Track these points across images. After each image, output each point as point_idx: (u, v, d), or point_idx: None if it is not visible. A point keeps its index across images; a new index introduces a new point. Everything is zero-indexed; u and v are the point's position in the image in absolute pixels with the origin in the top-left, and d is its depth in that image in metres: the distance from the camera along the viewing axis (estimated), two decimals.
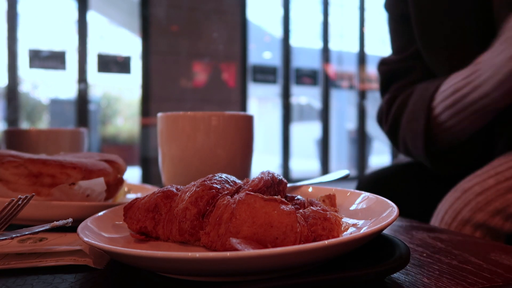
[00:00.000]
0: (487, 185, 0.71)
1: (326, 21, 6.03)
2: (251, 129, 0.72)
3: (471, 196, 0.72)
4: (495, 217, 0.70)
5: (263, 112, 9.85)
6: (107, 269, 0.40)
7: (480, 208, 0.70)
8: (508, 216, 0.69)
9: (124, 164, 0.66)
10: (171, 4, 4.66)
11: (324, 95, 6.11)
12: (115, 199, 0.66)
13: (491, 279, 0.37)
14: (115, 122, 9.46)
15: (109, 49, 5.22)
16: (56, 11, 5.83)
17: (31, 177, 0.55)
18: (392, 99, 0.97)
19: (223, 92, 4.89)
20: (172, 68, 4.65)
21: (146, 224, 0.45)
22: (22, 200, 0.44)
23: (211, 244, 0.39)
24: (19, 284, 0.36)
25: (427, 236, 0.53)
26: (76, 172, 0.56)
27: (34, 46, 4.41)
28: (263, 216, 0.37)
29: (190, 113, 0.68)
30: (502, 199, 0.69)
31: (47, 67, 4.47)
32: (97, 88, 7.53)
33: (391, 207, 0.42)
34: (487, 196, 0.70)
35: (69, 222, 0.42)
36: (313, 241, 0.37)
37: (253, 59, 5.53)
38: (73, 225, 0.43)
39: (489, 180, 0.71)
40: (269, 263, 0.32)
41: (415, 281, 0.37)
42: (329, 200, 0.50)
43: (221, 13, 4.87)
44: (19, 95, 4.62)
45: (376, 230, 0.35)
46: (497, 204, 0.69)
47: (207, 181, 0.44)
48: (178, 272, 0.35)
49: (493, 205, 0.69)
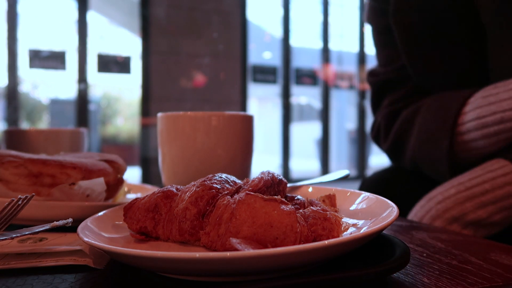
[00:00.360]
0: (448, 194, 0.73)
1: (326, 21, 6.03)
2: (251, 129, 0.72)
3: (432, 204, 0.75)
4: (452, 224, 0.72)
5: (263, 112, 9.85)
6: (107, 269, 0.40)
7: (439, 215, 0.73)
8: (466, 223, 0.71)
9: (124, 164, 0.66)
10: (171, 4, 4.66)
11: (324, 95, 6.11)
12: (115, 199, 0.66)
13: (491, 279, 0.37)
14: (115, 122, 9.46)
15: (109, 49, 5.21)
16: (56, 11, 5.83)
17: (31, 177, 0.55)
18: (391, 114, 0.93)
19: (223, 92, 4.89)
20: (172, 68, 4.65)
21: (146, 224, 0.45)
22: (22, 200, 0.44)
23: (211, 244, 0.39)
24: (19, 284, 0.36)
25: (427, 236, 0.53)
26: (76, 172, 0.56)
27: (34, 46, 4.41)
28: (263, 216, 0.37)
29: (190, 113, 0.68)
30: (460, 208, 0.71)
31: (47, 67, 4.47)
32: (97, 88, 7.53)
33: (391, 207, 0.42)
34: (446, 204, 0.73)
35: (69, 222, 0.42)
36: (313, 241, 0.37)
37: (253, 59, 5.53)
38: (73, 225, 0.43)
39: (451, 189, 0.74)
40: (269, 263, 0.32)
41: (415, 281, 0.37)
42: (329, 200, 0.50)
43: (221, 13, 4.87)
44: (19, 95, 4.62)
45: (376, 230, 0.35)
46: (454, 212, 0.71)
47: (207, 181, 0.44)
48: (178, 272, 0.35)
49: (451, 213, 0.72)
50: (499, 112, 0.72)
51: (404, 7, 0.86)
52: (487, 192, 0.70)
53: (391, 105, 0.94)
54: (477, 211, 0.70)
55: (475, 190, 0.71)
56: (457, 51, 0.85)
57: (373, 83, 1.00)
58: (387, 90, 0.97)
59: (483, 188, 0.70)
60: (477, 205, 0.70)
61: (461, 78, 0.86)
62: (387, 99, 0.96)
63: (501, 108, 0.71)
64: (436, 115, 0.82)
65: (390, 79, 0.96)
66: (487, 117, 0.73)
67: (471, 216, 0.71)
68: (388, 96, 0.96)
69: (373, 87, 1.00)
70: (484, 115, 0.73)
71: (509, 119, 0.71)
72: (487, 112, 0.73)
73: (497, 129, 0.72)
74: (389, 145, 0.94)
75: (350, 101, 7.61)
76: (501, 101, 0.72)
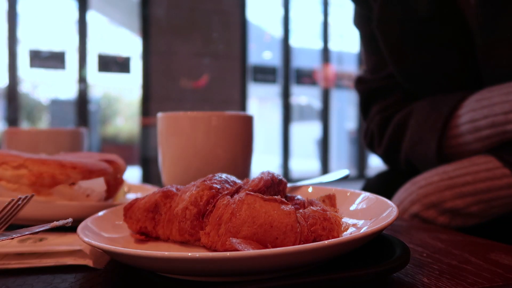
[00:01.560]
0: (431, 180, 0.75)
1: (326, 21, 6.03)
2: (251, 129, 0.72)
3: (414, 188, 0.77)
4: (429, 209, 0.74)
5: (263, 112, 9.84)
6: (107, 269, 0.40)
7: (418, 199, 0.75)
8: (443, 210, 0.73)
9: (124, 164, 0.66)
10: (171, 4, 4.66)
11: (324, 95, 6.11)
12: (115, 199, 0.66)
13: (491, 279, 0.37)
14: (115, 122, 9.46)
15: (109, 49, 5.22)
16: (56, 11, 5.83)
17: (31, 177, 0.55)
18: (383, 120, 0.93)
19: (223, 92, 4.89)
20: (172, 68, 4.66)
21: (146, 224, 0.45)
22: (22, 200, 0.44)
23: (211, 244, 0.39)
24: (19, 284, 0.36)
25: (427, 236, 0.53)
26: (76, 172, 0.56)
27: (34, 46, 4.41)
28: (263, 216, 0.37)
29: (190, 113, 0.68)
30: (439, 195, 0.73)
31: (47, 67, 4.47)
32: (97, 88, 7.52)
33: (391, 207, 0.42)
34: (427, 189, 0.74)
35: (69, 222, 0.42)
36: (313, 241, 0.37)
37: (253, 59, 5.53)
38: (73, 225, 0.43)
39: (435, 176, 0.75)
40: (269, 263, 0.32)
41: (415, 281, 0.37)
42: (329, 200, 0.50)
43: (221, 13, 4.87)
44: (19, 95, 4.62)
45: (376, 230, 0.35)
46: (433, 198, 0.73)
47: (207, 181, 0.44)
48: (178, 272, 0.35)
49: (430, 198, 0.74)
50: (491, 116, 0.72)
51: (386, 16, 0.84)
52: (468, 184, 0.72)
53: (383, 111, 0.94)
54: (455, 200, 0.72)
55: (457, 180, 0.73)
56: (445, 55, 0.84)
57: (361, 90, 1.00)
58: (376, 98, 0.96)
59: (465, 180, 0.72)
60: (456, 195, 0.72)
61: (452, 81, 0.85)
62: (376, 106, 0.96)
63: (493, 112, 0.72)
64: (428, 117, 0.82)
65: (378, 87, 0.95)
66: (479, 120, 0.74)
67: (449, 204, 0.72)
68: (377, 103, 0.96)
69: (362, 95, 1.00)
70: (477, 118, 0.74)
71: (501, 123, 0.71)
72: (479, 116, 0.74)
73: (489, 133, 0.73)
74: (383, 150, 0.94)
75: (350, 101, 7.62)
76: (493, 105, 0.72)
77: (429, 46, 0.84)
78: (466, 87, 0.82)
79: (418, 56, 0.85)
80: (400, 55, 0.87)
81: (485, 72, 0.80)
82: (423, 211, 0.74)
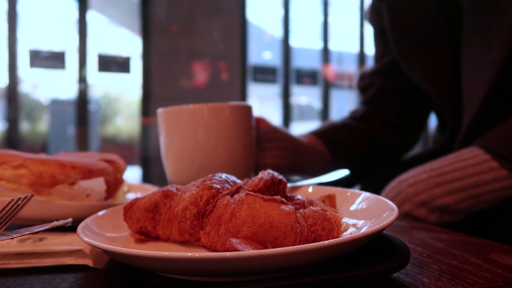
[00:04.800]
0: (420, 178, 0.75)
1: (326, 21, 6.03)
2: (249, 119, 0.73)
3: (403, 187, 0.77)
4: (420, 208, 0.74)
5: (263, 112, 9.83)
6: (107, 269, 0.40)
7: (408, 198, 0.75)
8: (433, 208, 0.73)
9: (124, 164, 0.66)
10: (171, 4, 4.66)
11: (324, 95, 6.11)
12: (115, 199, 0.66)
13: (491, 279, 0.37)
14: (115, 122, 9.45)
15: (109, 49, 5.21)
16: (56, 11, 5.83)
17: (31, 177, 0.55)
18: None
19: (223, 92, 4.89)
20: (172, 68, 4.65)
21: (146, 224, 0.45)
22: (22, 200, 0.44)
23: (211, 244, 0.39)
24: (19, 284, 0.36)
25: (427, 236, 0.53)
26: (76, 172, 0.56)
27: (34, 46, 4.41)
28: (263, 216, 0.37)
29: (190, 106, 0.69)
30: (429, 192, 0.73)
31: (47, 67, 4.47)
32: (97, 88, 7.52)
33: (391, 207, 0.42)
34: (416, 188, 0.75)
35: (69, 222, 0.42)
36: (313, 241, 0.37)
37: (253, 59, 5.53)
38: (73, 225, 0.43)
39: (423, 174, 0.76)
40: (269, 263, 0.32)
41: (415, 281, 0.37)
42: (329, 200, 0.50)
43: (221, 13, 4.87)
44: (19, 95, 4.61)
45: (376, 230, 0.35)
46: (423, 197, 0.73)
47: (207, 181, 0.44)
48: (178, 272, 0.35)
49: (420, 197, 0.74)
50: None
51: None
52: (457, 180, 0.72)
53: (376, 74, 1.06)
54: (445, 197, 0.72)
55: (446, 177, 0.73)
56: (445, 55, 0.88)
57: (360, 87, 1.10)
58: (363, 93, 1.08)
59: (454, 176, 0.72)
60: (446, 192, 0.72)
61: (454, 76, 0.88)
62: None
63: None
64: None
65: (364, 85, 1.07)
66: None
67: (439, 202, 0.73)
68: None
69: (361, 91, 1.10)
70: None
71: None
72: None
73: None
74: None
75: (350, 101, 7.60)
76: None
77: (429, 45, 0.88)
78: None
79: (417, 31, 0.90)
80: (401, 31, 0.92)
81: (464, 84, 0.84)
82: (414, 210, 0.74)
